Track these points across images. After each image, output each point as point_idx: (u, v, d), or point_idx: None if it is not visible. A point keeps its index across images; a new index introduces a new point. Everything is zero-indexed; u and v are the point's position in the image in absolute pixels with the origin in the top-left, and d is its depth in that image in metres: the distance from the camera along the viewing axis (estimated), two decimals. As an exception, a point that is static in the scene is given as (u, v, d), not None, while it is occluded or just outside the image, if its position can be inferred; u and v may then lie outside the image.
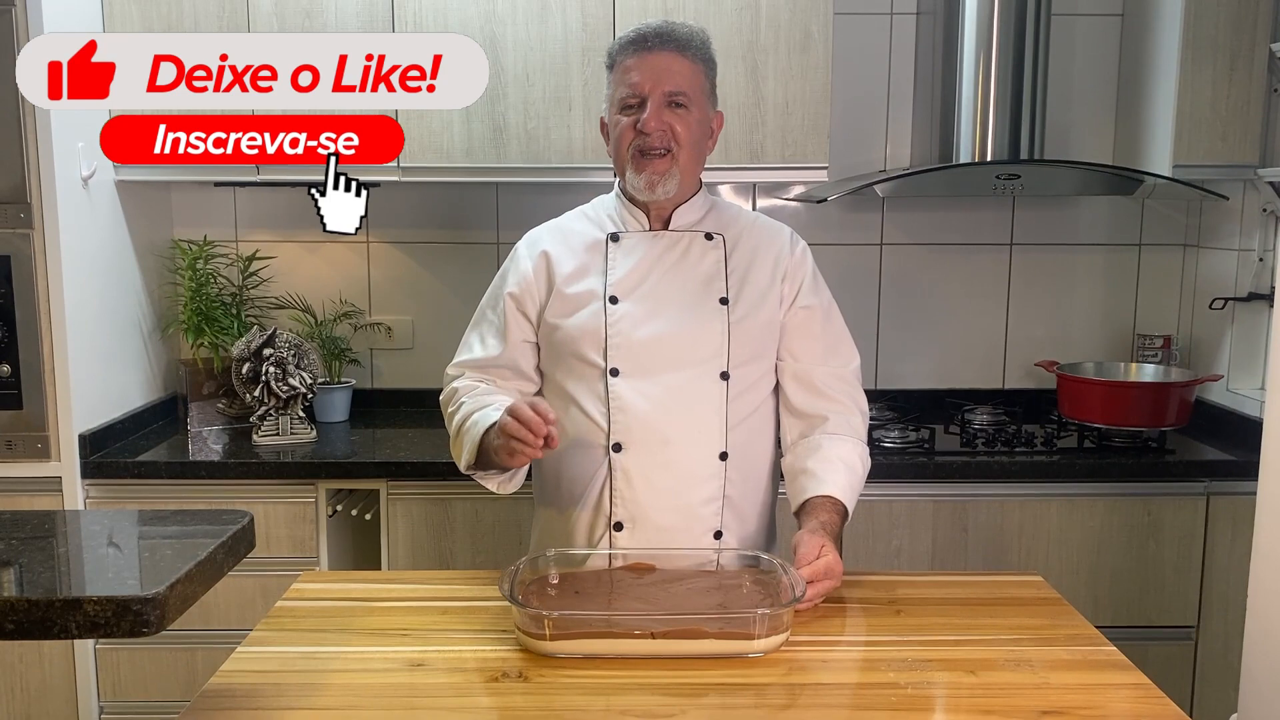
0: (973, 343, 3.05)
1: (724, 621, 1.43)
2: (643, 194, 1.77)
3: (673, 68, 1.72)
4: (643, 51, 1.72)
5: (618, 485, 1.73)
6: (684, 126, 1.73)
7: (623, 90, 1.74)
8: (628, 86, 1.73)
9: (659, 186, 1.75)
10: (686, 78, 1.73)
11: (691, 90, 1.73)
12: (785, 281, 1.82)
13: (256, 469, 2.48)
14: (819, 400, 1.80)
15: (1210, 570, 2.51)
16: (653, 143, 1.72)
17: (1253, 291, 2.70)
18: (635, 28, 1.76)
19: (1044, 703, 1.31)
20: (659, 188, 1.75)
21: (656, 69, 1.71)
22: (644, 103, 1.71)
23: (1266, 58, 2.58)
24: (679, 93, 1.72)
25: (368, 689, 1.35)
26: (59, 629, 1.03)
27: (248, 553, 1.29)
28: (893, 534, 2.51)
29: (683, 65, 1.73)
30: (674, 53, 1.72)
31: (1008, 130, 2.70)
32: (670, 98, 1.71)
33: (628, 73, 1.73)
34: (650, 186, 1.75)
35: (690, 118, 1.73)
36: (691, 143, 1.75)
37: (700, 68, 1.76)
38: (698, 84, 1.75)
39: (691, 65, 1.74)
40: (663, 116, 1.71)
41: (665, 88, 1.71)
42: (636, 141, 1.73)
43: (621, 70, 1.75)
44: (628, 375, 1.73)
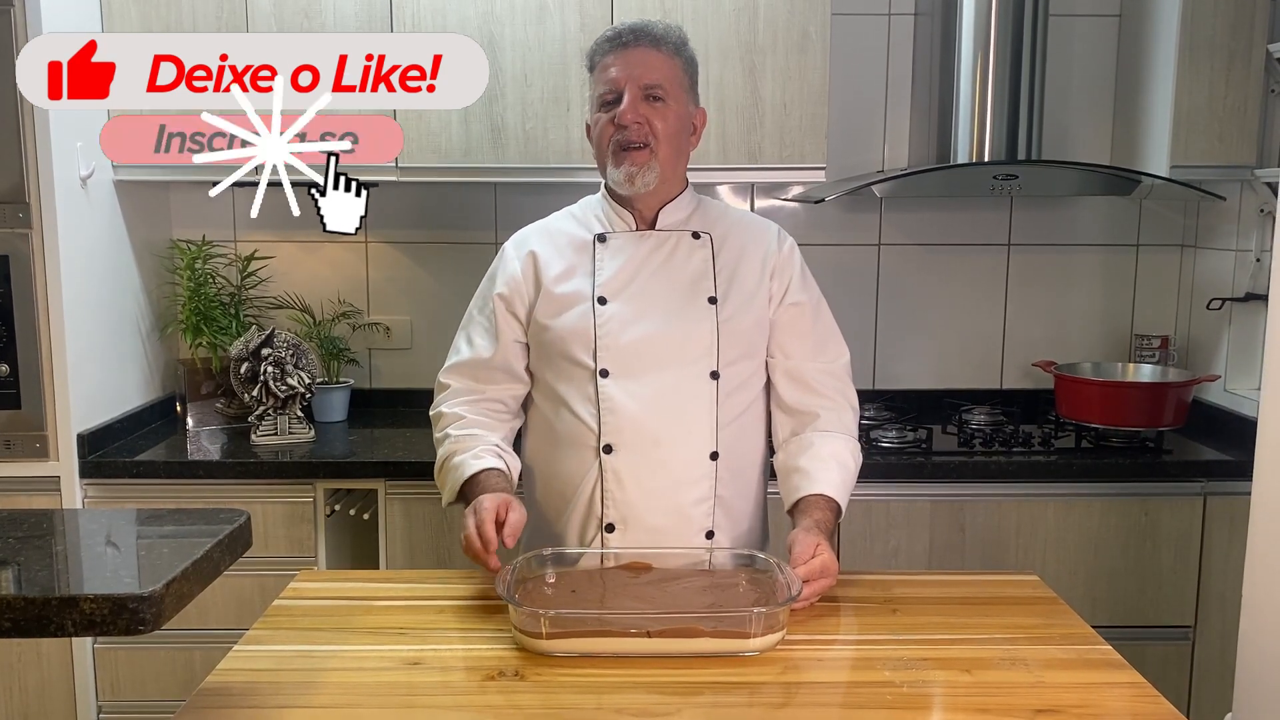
0: (970, 343, 3.05)
1: (720, 620, 1.44)
2: (622, 187, 1.77)
3: (648, 61, 1.73)
4: (619, 48, 1.74)
5: (609, 486, 1.73)
6: (661, 120, 1.73)
7: (600, 87, 1.75)
8: (605, 83, 1.74)
9: (638, 179, 1.74)
10: (662, 71, 1.74)
11: (668, 84, 1.74)
12: (774, 278, 1.82)
13: (255, 469, 2.48)
14: (810, 396, 1.81)
15: (1207, 570, 2.51)
16: (630, 136, 1.72)
17: (1250, 292, 2.71)
18: (612, 27, 1.78)
19: (1039, 702, 1.31)
20: (638, 180, 1.74)
21: (631, 63, 1.73)
22: (621, 97, 1.72)
23: (1264, 58, 2.58)
24: (655, 85, 1.72)
25: (364, 688, 1.36)
26: (55, 627, 1.04)
27: (244, 552, 1.29)
28: (890, 534, 2.51)
29: (658, 59, 1.74)
30: (649, 47, 1.74)
31: (1005, 131, 2.70)
32: (647, 90, 1.72)
33: (605, 70, 1.75)
34: (629, 179, 1.74)
35: (668, 111, 1.74)
36: (669, 136, 1.75)
37: (677, 62, 1.77)
38: (674, 78, 1.76)
39: (667, 59, 1.75)
40: (639, 109, 1.72)
41: (641, 80, 1.72)
42: (616, 136, 1.73)
43: (600, 69, 1.76)
44: (617, 376, 1.74)
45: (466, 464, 1.73)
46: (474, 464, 1.73)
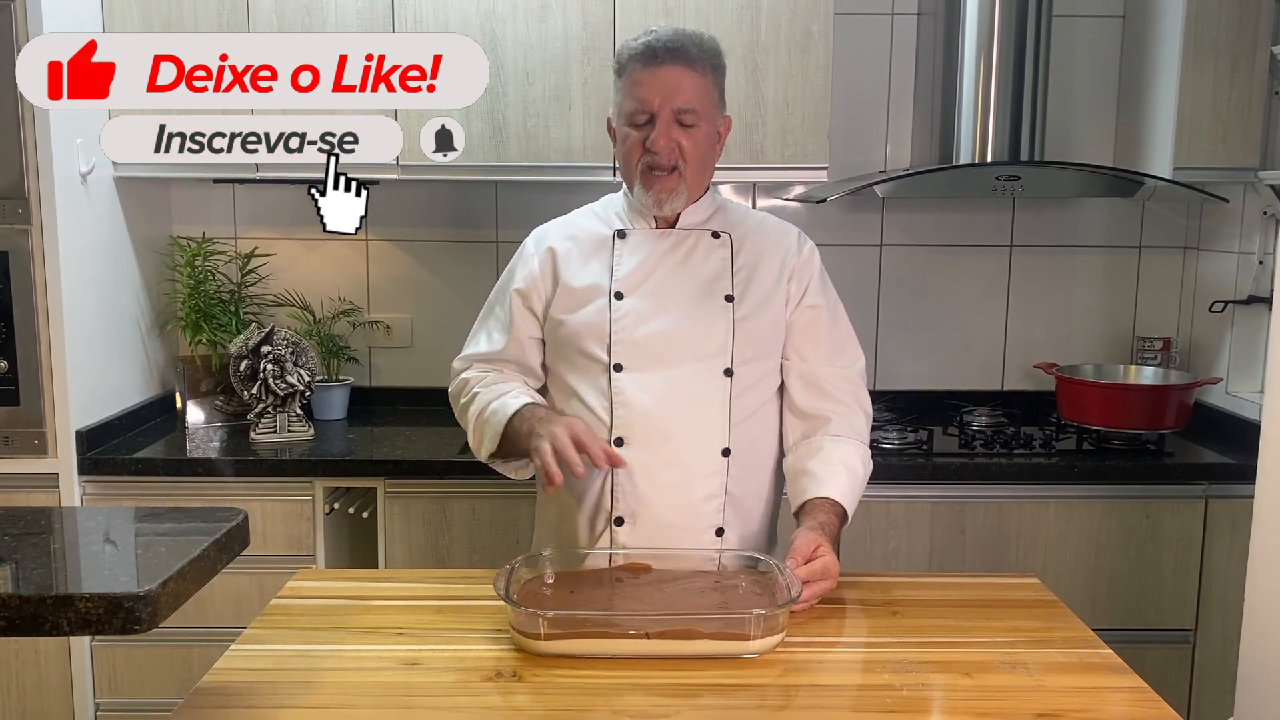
0: (972, 344, 3.04)
1: (719, 622, 1.43)
2: (650, 210, 1.79)
3: (682, 83, 1.70)
4: (652, 66, 1.70)
5: (619, 480, 1.73)
6: (692, 143, 1.72)
7: (630, 104, 1.72)
8: (636, 100, 1.71)
9: (666, 204, 1.77)
10: (695, 93, 1.71)
11: (700, 106, 1.72)
12: (792, 281, 1.82)
13: (254, 467, 2.48)
14: (823, 401, 1.80)
15: (1209, 573, 2.50)
16: (661, 161, 1.72)
17: (1253, 294, 2.70)
18: (646, 38, 1.73)
19: (1039, 705, 1.30)
20: (666, 205, 1.77)
21: (666, 85, 1.70)
22: (652, 118, 1.71)
23: (1268, 60, 2.58)
24: (688, 110, 1.70)
25: (362, 687, 1.35)
26: (51, 626, 1.03)
27: (241, 550, 1.29)
28: (891, 535, 2.50)
29: (692, 80, 1.71)
30: (684, 68, 1.70)
31: (1008, 131, 2.70)
32: (679, 115, 1.70)
33: (636, 86, 1.71)
34: (659, 204, 1.76)
35: (698, 134, 1.73)
36: (699, 159, 1.75)
37: (709, 79, 1.74)
38: (706, 95, 1.73)
39: (700, 79, 1.72)
40: (671, 134, 1.71)
41: (674, 104, 1.70)
42: (645, 159, 1.73)
43: (631, 82, 1.73)
44: (631, 370, 1.73)
45: (506, 404, 1.72)
46: (514, 402, 1.72)
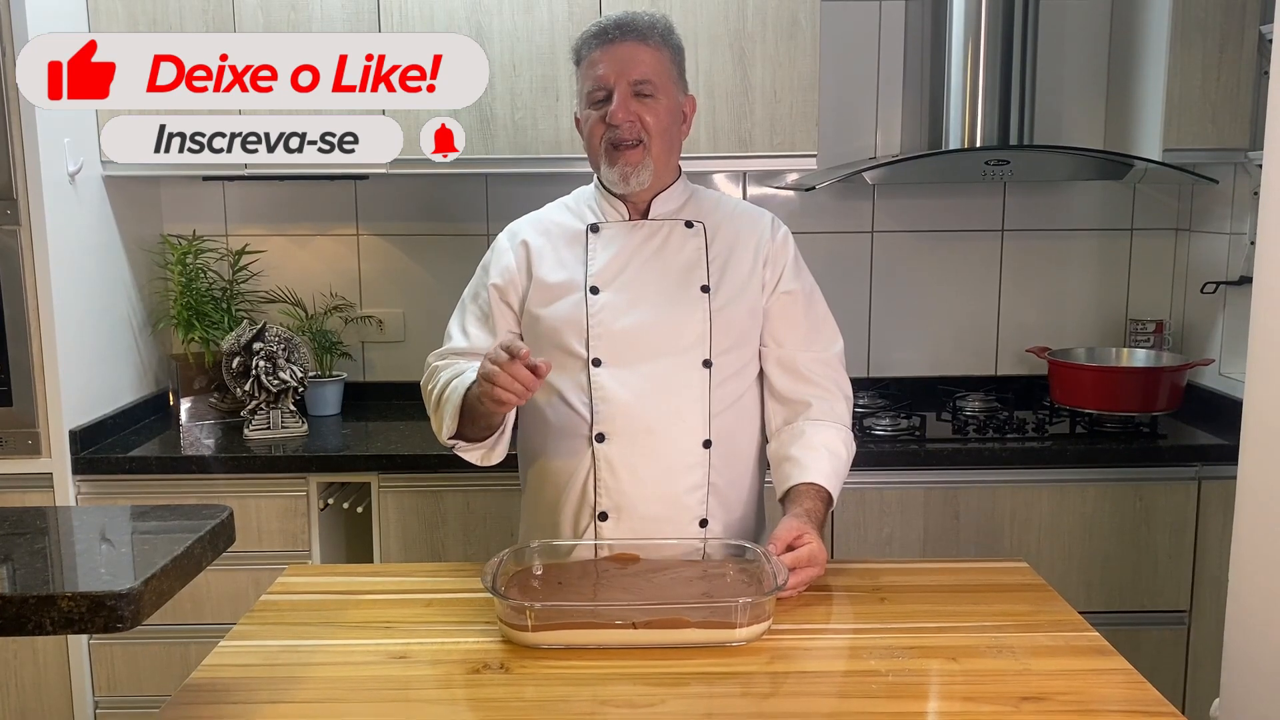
0: (964, 329, 3.04)
1: (706, 611, 1.43)
2: (618, 186, 1.78)
3: (636, 56, 1.72)
4: (605, 44, 1.73)
5: (602, 475, 1.73)
6: (653, 115, 1.73)
7: (589, 84, 1.75)
8: (593, 80, 1.74)
9: (633, 178, 1.75)
10: (651, 65, 1.73)
11: (657, 78, 1.73)
12: (767, 267, 1.82)
13: (248, 463, 2.48)
14: (802, 385, 1.80)
15: (1202, 555, 2.51)
16: (623, 134, 1.72)
17: (1244, 275, 2.69)
18: (598, 22, 1.77)
19: (1025, 689, 1.31)
20: (633, 179, 1.76)
21: (620, 59, 1.72)
22: (611, 94, 1.72)
23: (1256, 40, 2.57)
24: (644, 81, 1.72)
25: (351, 682, 1.36)
26: (34, 625, 1.03)
27: (228, 547, 1.29)
28: (884, 521, 2.50)
29: (646, 53, 1.73)
30: (636, 42, 1.73)
31: (997, 116, 2.69)
32: (636, 87, 1.72)
33: (593, 66, 1.74)
34: (624, 179, 1.76)
35: (659, 106, 1.74)
36: (661, 131, 1.75)
37: (665, 53, 1.76)
38: (663, 70, 1.75)
39: (655, 52, 1.74)
40: (630, 106, 1.72)
41: (630, 77, 1.71)
42: (607, 134, 1.73)
43: (587, 65, 1.75)
44: (610, 365, 1.74)
45: (465, 378, 1.68)
46: (472, 375, 1.66)
